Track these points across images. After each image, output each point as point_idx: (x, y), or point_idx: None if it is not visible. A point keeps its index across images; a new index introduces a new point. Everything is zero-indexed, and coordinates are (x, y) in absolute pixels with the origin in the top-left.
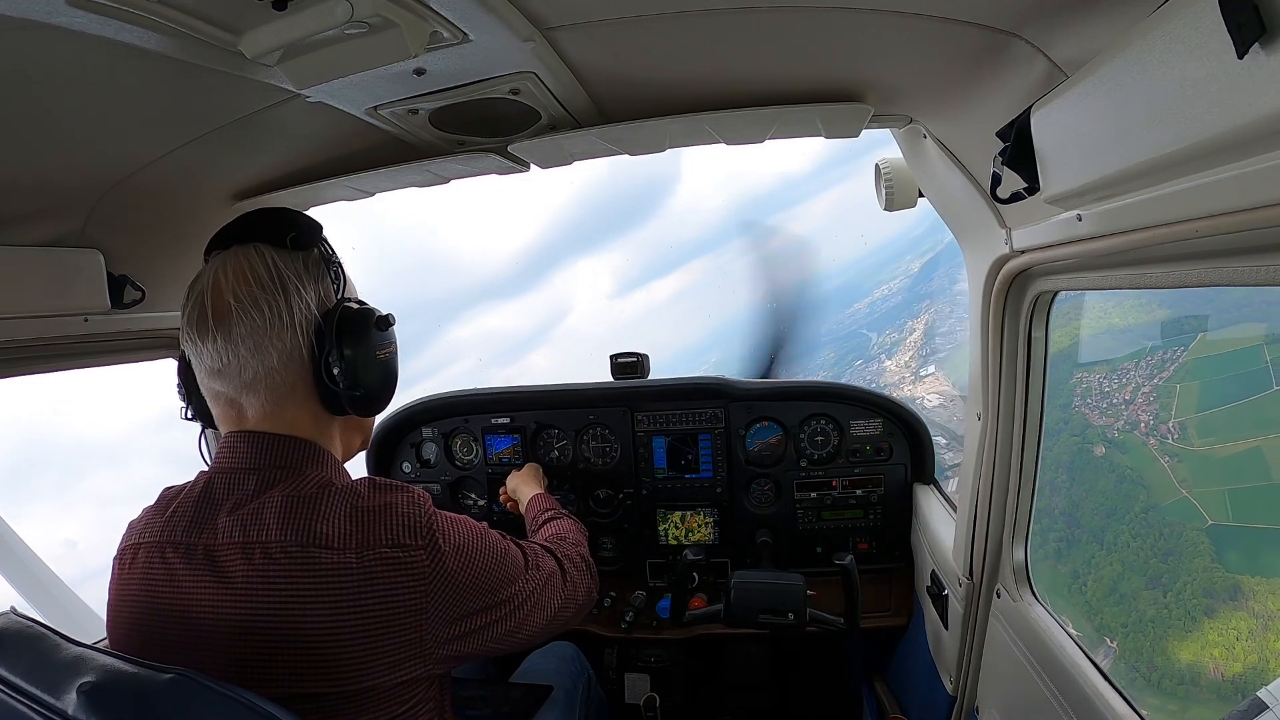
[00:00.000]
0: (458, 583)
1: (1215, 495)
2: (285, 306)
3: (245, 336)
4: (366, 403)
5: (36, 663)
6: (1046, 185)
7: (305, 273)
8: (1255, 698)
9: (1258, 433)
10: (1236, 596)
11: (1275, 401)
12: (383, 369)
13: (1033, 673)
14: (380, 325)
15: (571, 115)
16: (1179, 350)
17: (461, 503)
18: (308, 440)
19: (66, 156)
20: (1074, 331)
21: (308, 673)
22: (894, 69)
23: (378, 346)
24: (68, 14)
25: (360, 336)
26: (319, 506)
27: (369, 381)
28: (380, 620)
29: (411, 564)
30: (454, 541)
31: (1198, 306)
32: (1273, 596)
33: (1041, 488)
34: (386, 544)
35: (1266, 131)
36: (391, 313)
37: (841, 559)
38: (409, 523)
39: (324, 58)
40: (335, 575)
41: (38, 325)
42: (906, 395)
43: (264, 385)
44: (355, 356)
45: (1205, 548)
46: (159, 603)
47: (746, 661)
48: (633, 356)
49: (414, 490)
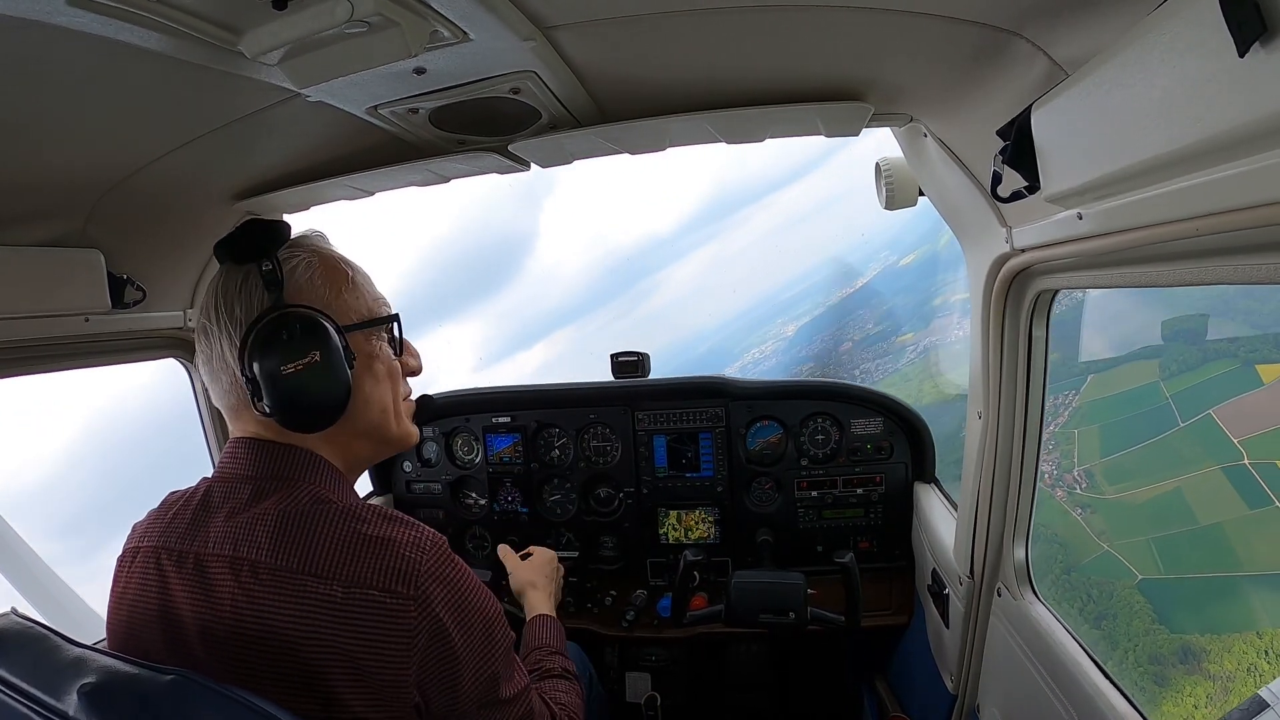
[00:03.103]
0: (443, 649)
1: (1140, 546)
2: (219, 331)
3: (204, 364)
4: (295, 421)
5: (37, 663)
6: (1047, 184)
7: (239, 290)
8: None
9: (1174, 473)
10: (1187, 659)
11: (1185, 439)
12: (296, 384)
13: (1034, 671)
14: (286, 338)
15: (572, 114)
16: (1071, 394)
17: (462, 502)
18: (302, 449)
19: (66, 156)
20: (958, 381)
21: (291, 688)
22: (895, 68)
23: (286, 362)
24: (68, 13)
25: (268, 355)
26: (314, 527)
27: (280, 401)
28: (354, 660)
29: (398, 614)
30: (453, 602)
31: (1080, 346)
32: (1227, 654)
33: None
34: (375, 585)
35: (1267, 130)
36: (314, 320)
37: (842, 557)
38: (406, 567)
39: (324, 57)
40: (318, 606)
41: (38, 325)
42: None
43: (227, 406)
44: (264, 378)
45: (1142, 607)
46: (151, 607)
47: (747, 660)
48: (633, 356)
49: (425, 531)
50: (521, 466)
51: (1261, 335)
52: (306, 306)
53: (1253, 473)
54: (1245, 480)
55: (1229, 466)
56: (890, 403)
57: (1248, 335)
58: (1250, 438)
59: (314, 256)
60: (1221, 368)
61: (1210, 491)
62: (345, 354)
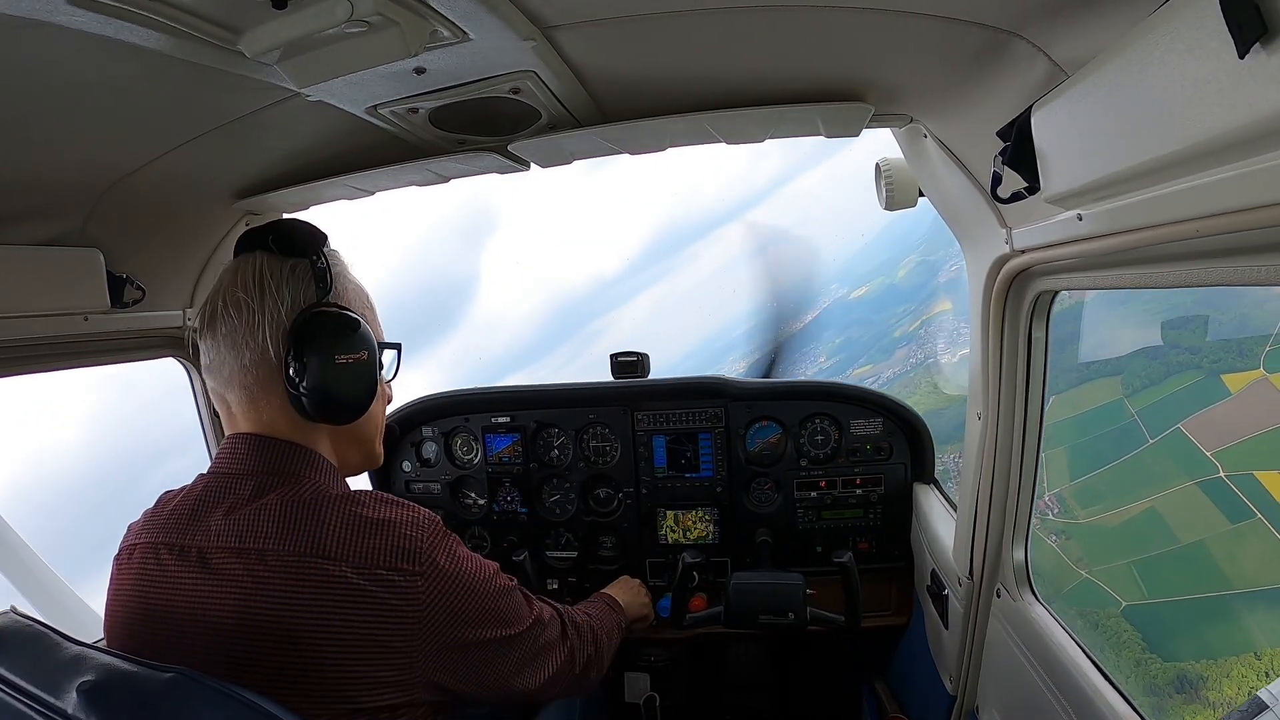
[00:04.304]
0: (452, 610)
1: (1121, 571)
2: (259, 307)
3: (226, 335)
4: (325, 408)
5: (36, 662)
6: (1047, 185)
7: (288, 277)
8: (1255, 697)
9: (1148, 491)
10: (1185, 688)
11: (1157, 456)
12: (343, 375)
13: (1033, 672)
14: (347, 332)
15: (572, 114)
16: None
17: (461, 502)
18: (303, 446)
19: (66, 156)
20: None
21: (294, 683)
22: (895, 68)
23: (341, 352)
24: (68, 13)
25: (322, 340)
26: (318, 514)
27: (324, 385)
28: (369, 639)
29: (409, 589)
30: (454, 569)
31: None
32: (1226, 679)
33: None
34: (384, 565)
35: (1267, 131)
36: (361, 323)
37: (840, 556)
38: (410, 545)
39: (324, 56)
40: (331, 587)
41: (38, 325)
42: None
43: (238, 382)
44: (314, 359)
45: (1130, 637)
46: (151, 602)
47: (746, 661)
48: (633, 356)
49: (420, 511)
50: (521, 467)
51: (1224, 343)
52: (354, 311)
53: (1230, 485)
54: (1223, 494)
55: (1205, 481)
56: (890, 403)
57: (1210, 344)
58: (1224, 449)
59: (347, 270)
60: (1187, 380)
61: (1188, 508)
62: (379, 364)
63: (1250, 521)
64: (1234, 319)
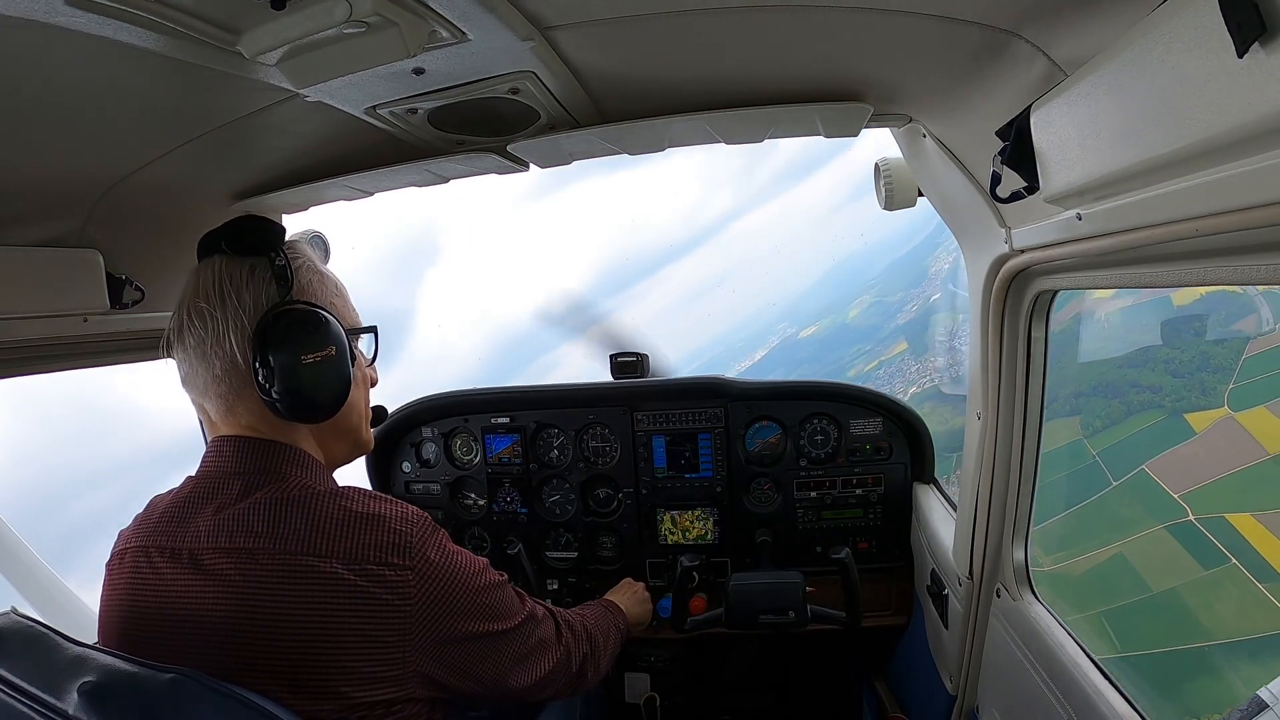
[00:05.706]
0: (444, 604)
1: (1091, 623)
2: (222, 316)
3: (194, 347)
4: (299, 409)
5: (37, 662)
6: (1046, 184)
7: (248, 279)
8: (1255, 697)
9: (1116, 536)
10: None
11: (1122, 499)
12: (312, 374)
13: (1033, 672)
14: (310, 330)
15: (571, 115)
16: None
17: (461, 502)
18: (286, 444)
19: (66, 156)
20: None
21: (288, 679)
22: (894, 68)
23: (306, 351)
24: (67, 14)
25: (287, 342)
26: (307, 510)
27: (295, 388)
28: (361, 634)
29: (400, 584)
30: (445, 563)
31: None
32: None
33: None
34: (375, 560)
35: (1266, 130)
36: (327, 317)
37: (838, 553)
38: (400, 540)
39: (323, 57)
40: (322, 583)
41: (37, 325)
42: None
43: (214, 392)
44: (281, 362)
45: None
46: (143, 604)
47: (746, 661)
48: (632, 356)
49: (409, 507)
50: (520, 467)
51: (1185, 383)
52: (319, 305)
53: (1200, 529)
54: (1194, 538)
55: (1174, 524)
56: (889, 403)
57: (1170, 383)
58: (1192, 491)
59: (310, 260)
60: (1149, 420)
61: (1159, 554)
62: (350, 355)
63: (1225, 567)
64: (1194, 357)
